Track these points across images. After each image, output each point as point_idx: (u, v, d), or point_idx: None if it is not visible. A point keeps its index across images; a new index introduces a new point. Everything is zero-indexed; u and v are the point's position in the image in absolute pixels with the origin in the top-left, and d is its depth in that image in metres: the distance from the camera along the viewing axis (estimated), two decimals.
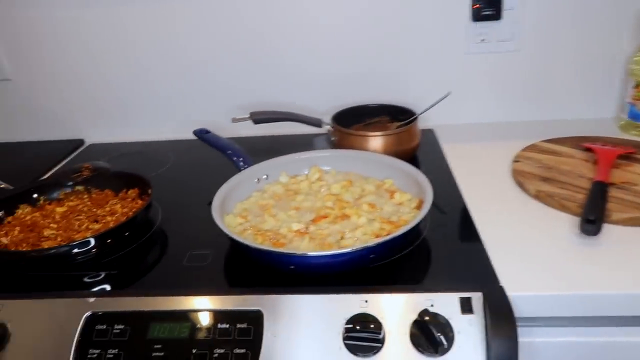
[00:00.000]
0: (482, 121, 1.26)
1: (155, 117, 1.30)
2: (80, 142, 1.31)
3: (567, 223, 0.82)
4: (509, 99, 1.24)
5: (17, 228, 0.84)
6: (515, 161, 1.01)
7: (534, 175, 0.95)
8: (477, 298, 0.66)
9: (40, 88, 1.28)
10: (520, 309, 0.66)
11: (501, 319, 0.63)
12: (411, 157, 1.08)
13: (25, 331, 0.68)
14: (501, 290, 0.67)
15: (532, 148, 1.06)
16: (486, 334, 0.63)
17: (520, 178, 0.95)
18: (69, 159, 1.23)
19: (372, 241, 0.71)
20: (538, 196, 0.89)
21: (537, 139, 1.09)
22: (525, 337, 0.66)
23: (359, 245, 0.70)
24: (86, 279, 0.76)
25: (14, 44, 1.23)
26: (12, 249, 0.79)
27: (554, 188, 0.90)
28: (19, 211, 0.90)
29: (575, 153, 1.03)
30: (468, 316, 0.65)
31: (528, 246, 0.77)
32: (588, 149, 1.03)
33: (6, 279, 0.78)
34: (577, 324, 0.70)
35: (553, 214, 0.85)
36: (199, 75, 1.24)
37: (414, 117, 1.09)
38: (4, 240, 0.81)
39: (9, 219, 0.88)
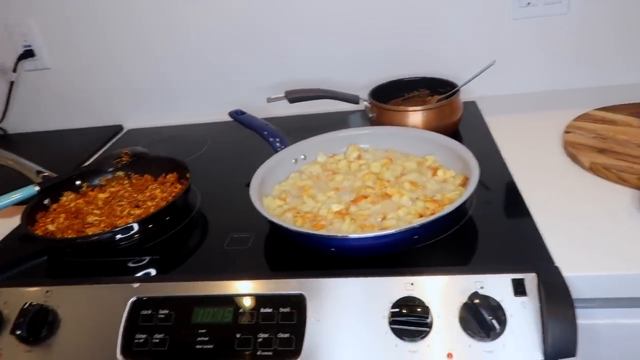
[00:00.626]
0: (529, 91, 1.19)
1: (191, 100, 1.29)
2: (119, 128, 1.32)
3: (625, 197, 0.77)
4: (558, 65, 1.16)
5: (63, 215, 0.86)
6: (567, 132, 0.95)
7: (587, 146, 0.89)
8: (530, 279, 0.62)
9: (79, 76, 1.29)
10: (577, 290, 0.62)
11: (558, 301, 0.59)
12: (453, 132, 1.04)
13: (75, 317, 0.70)
14: (556, 271, 0.63)
15: (584, 117, 0.99)
16: (541, 317, 0.60)
17: (572, 150, 0.89)
18: (108, 145, 1.24)
19: (417, 221, 0.68)
20: (593, 169, 0.84)
21: (590, 107, 1.02)
22: (584, 319, 0.62)
23: (403, 225, 0.67)
24: (130, 264, 0.77)
25: (53, 33, 1.25)
26: (59, 236, 0.80)
27: (611, 159, 0.84)
28: (63, 198, 0.91)
29: (633, 121, 0.96)
30: (521, 298, 0.61)
31: (583, 223, 0.72)
32: None
33: (54, 266, 0.80)
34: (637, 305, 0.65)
35: (610, 188, 0.80)
36: (234, 55, 1.23)
37: (456, 89, 1.04)
38: (51, 227, 0.83)
39: (54, 206, 0.89)
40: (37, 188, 0.88)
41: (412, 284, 0.64)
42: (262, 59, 1.22)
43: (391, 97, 1.10)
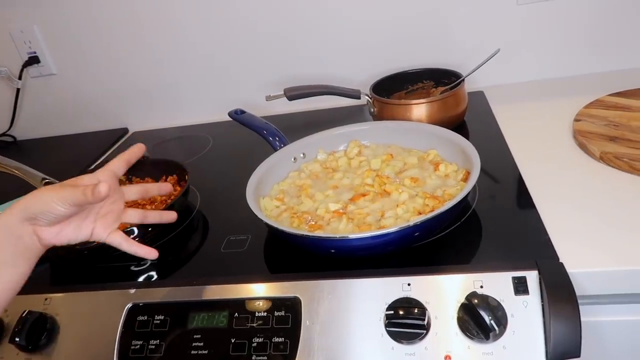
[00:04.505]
0: (538, 78, 1.15)
1: (194, 101, 1.29)
2: (124, 131, 1.33)
3: (637, 187, 0.73)
4: (569, 50, 1.12)
5: None
6: (577, 120, 0.91)
7: (599, 134, 0.85)
8: (532, 277, 0.60)
9: (84, 81, 1.30)
10: (582, 287, 0.60)
11: (561, 300, 0.56)
12: (459, 124, 1.01)
13: (74, 324, 0.70)
14: (561, 267, 0.60)
15: (596, 104, 0.95)
16: (543, 317, 0.57)
17: (582, 139, 0.85)
18: (114, 148, 1.25)
19: (414, 219, 0.66)
20: (604, 158, 0.80)
21: (602, 93, 0.98)
22: (589, 316, 0.60)
23: (401, 224, 0.65)
24: (130, 269, 0.77)
25: (57, 39, 1.26)
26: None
27: (623, 148, 0.80)
28: None
29: None
30: (523, 297, 0.59)
31: (592, 215, 0.69)
32: None
33: (55, 272, 0.81)
34: None
35: (621, 178, 0.76)
36: (234, 54, 1.22)
37: (460, 79, 1.00)
38: None
39: None
40: None
41: (409, 284, 0.62)
42: (263, 57, 1.21)
43: (394, 90, 1.08)
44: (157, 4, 1.18)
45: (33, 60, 1.27)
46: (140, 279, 0.74)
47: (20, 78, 1.29)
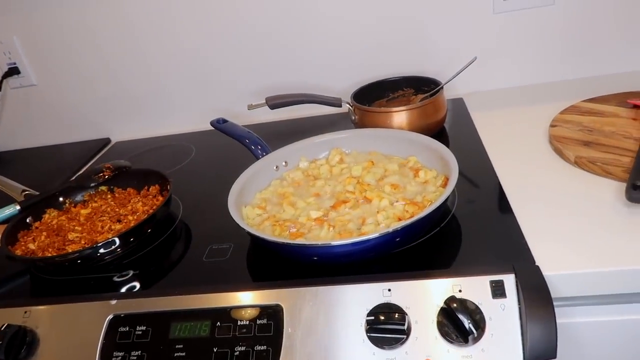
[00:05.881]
0: (515, 85, 1.17)
1: (176, 110, 1.29)
2: (107, 141, 1.32)
3: (611, 190, 0.75)
4: (545, 57, 1.14)
5: (44, 233, 0.85)
6: (553, 126, 0.93)
7: (573, 140, 0.87)
8: (510, 280, 0.61)
9: (65, 91, 1.29)
10: (557, 289, 0.61)
11: (537, 302, 0.58)
12: (439, 130, 1.02)
13: (54, 336, 0.69)
14: (537, 271, 0.61)
15: (571, 110, 0.97)
16: (520, 319, 0.58)
17: (558, 144, 0.87)
18: (96, 158, 1.24)
19: (394, 225, 0.67)
20: (578, 163, 0.82)
21: (576, 99, 1.00)
22: (564, 317, 0.61)
23: (381, 230, 0.66)
24: (113, 279, 0.76)
25: (36, 51, 1.25)
26: (39, 255, 0.80)
27: (597, 152, 0.82)
28: (46, 216, 0.91)
29: (621, 111, 0.94)
30: (500, 300, 0.60)
31: (567, 219, 0.71)
32: (636, 106, 0.93)
33: (35, 285, 0.80)
34: (622, 301, 0.64)
35: (595, 181, 0.78)
36: (214, 63, 1.22)
37: (439, 87, 1.02)
38: (32, 246, 0.82)
39: (37, 224, 0.89)
40: (18, 207, 0.88)
41: (389, 289, 0.63)
42: (245, 66, 1.21)
43: (375, 98, 1.09)
44: (138, 14, 1.18)
45: (13, 71, 1.26)
46: (122, 289, 0.74)
47: (0, 89, 1.28)
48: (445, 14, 1.12)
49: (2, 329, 0.67)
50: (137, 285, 0.75)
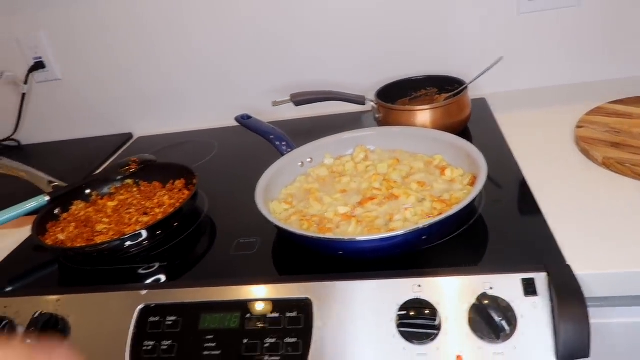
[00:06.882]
0: (540, 86, 1.17)
1: (199, 106, 1.30)
2: (129, 136, 1.34)
3: None
4: (569, 59, 1.14)
5: (73, 224, 0.87)
6: (579, 127, 0.93)
7: (600, 141, 0.87)
8: (541, 279, 0.61)
9: (89, 86, 1.31)
10: (590, 289, 0.61)
11: (569, 301, 0.57)
12: (462, 130, 1.02)
13: (85, 325, 0.70)
14: (568, 270, 0.61)
15: (597, 111, 0.97)
16: (553, 318, 0.58)
17: (585, 145, 0.87)
18: (119, 153, 1.25)
19: (424, 222, 0.67)
20: (606, 164, 0.82)
21: (603, 100, 1.00)
22: (598, 318, 0.60)
23: (409, 226, 0.66)
24: (139, 271, 0.77)
25: (62, 45, 1.27)
26: (69, 245, 0.81)
27: (625, 154, 0.82)
28: (74, 207, 0.92)
29: None
30: (532, 298, 0.60)
31: (596, 219, 0.70)
32: None
33: (64, 274, 0.81)
34: None
35: (624, 183, 0.77)
36: (240, 60, 1.23)
37: (463, 86, 1.02)
38: (61, 236, 0.84)
39: (65, 215, 0.90)
40: (47, 198, 0.89)
41: (419, 285, 0.63)
42: (268, 63, 1.22)
43: (398, 96, 1.09)
44: (163, 10, 1.19)
45: (39, 65, 1.28)
46: (149, 281, 0.75)
47: (26, 83, 1.29)
48: (470, 14, 1.12)
49: (35, 316, 0.68)
50: (164, 277, 0.75)
